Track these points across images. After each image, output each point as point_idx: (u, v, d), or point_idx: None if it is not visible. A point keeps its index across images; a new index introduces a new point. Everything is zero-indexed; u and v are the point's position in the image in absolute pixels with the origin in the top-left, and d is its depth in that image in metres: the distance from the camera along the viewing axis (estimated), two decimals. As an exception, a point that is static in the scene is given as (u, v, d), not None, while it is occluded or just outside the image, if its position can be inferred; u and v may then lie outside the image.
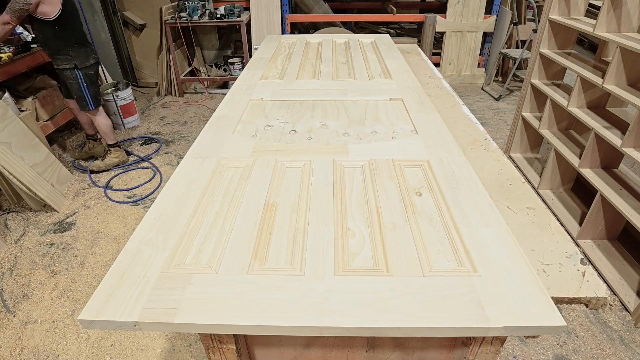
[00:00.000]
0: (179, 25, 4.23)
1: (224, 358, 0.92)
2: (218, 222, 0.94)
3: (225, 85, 4.85)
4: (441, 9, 4.56)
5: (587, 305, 0.89)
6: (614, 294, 1.99)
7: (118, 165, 3.21)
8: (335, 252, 0.85)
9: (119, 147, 3.22)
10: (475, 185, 1.06)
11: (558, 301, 0.88)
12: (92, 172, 3.12)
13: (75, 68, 2.73)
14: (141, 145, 3.56)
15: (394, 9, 4.60)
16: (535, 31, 3.98)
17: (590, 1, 4.07)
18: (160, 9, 4.32)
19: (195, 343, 1.80)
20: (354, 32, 5.13)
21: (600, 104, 2.39)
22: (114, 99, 3.65)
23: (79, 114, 3.12)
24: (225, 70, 4.76)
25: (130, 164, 3.25)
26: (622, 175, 2.18)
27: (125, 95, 3.73)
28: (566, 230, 2.36)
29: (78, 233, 2.48)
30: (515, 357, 1.73)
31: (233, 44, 5.10)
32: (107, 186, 2.96)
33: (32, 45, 3.06)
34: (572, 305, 1.68)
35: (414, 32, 5.37)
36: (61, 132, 3.67)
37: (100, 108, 3.01)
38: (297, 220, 0.94)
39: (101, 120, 3.03)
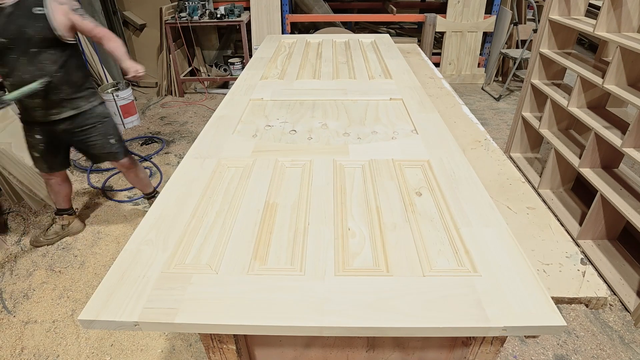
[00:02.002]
0: (179, 25, 4.23)
1: (224, 358, 0.92)
2: (218, 222, 0.94)
3: (225, 85, 4.85)
4: (441, 9, 4.56)
5: (587, 305, 0.89)
6: (614, 294, 1.98)
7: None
8: (336, 252, 0.85)
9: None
10: (475, 185, 1.06)
11: (558, 301, 0.88)
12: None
13: (102, 102, 2.09)
14: (141, 145, 3.56)
15: (394, 9, 4.60)
16: (535, 31, 3.98)
17: (591, 1, 4.07)
18: (161, 9, 4.32)
19: (196, 343, 1.80)
20: (354, 32, 5.13)
21: (600, 104, 2.39)
22: (114, 99, 3.65)
23: (67, 184, 2.30)
24: (225, 70, 4.76)
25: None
26: (622, 175, 2.18)
27: (126, 95, 3.73)
28: (566, 230, 2.36)
29: (78, 233, 2.48)
30: (515, 357, 1.73)
31: (233, 44, 5.10)
32: (108, 186, 2.96)
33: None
34: (572, 305, 1.68)
35: (414, 32, 5.37)
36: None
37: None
38: (297, 220, 0.95)
39: (142, 171, 2.34)
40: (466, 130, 1.55)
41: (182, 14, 4.26)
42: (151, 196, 2.49)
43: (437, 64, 4.65)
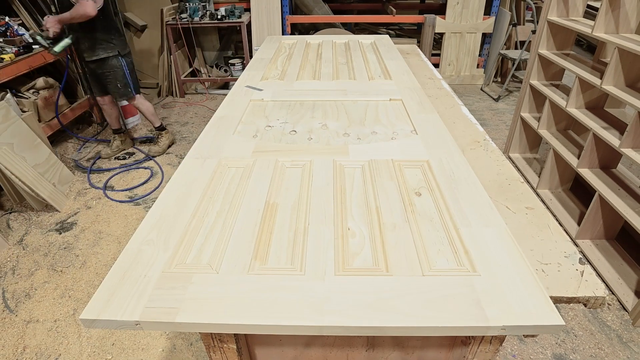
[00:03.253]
0: (179, 26, 4.24)
1: (224, 357, 0.93)
2: (219, 222, 0.95)
3: (226, 86, 4.86)
4: (440, 10, 4.57)
5: (585, 305, 0.90)
6: (612, 293, 1.99)
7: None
8: (336, 252, 0.85)
9: (166, 128, 3.44)
10: (474, 186, 1.06)
11: (557, 300, 0.88)
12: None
13: (118, 55, 2.85)
14: (141, 143, 3.57)
15: (394, 10, 4.61)
16: (534, 32, 3.98)
17: (589, 2, 4.08)
18: (161, 10, 4.33)
19: (196, 342, 1.81)
20: (353, 33, 5.13)
21: (598, 104, 2.39)
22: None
23: (112, 108, 3.22)
24: (225, 71, 4.77)
25: (132, 165, 3.26)
26: (620, 176, 2.19)
27: (126, 95, 3.73)
28: (565, 230, 2.37)
29: (80, 233, 2.49)
30: (514, 356, 1.74)
31: (234, 44, 5.11)
32: (109, 186, 2.97)
33: (34, 47, 3.07)
34: (571, 304, 1.69)
35: (413, 33, 5.38)
36: (63, 133, 3.68)
37: (141, 94, 3.20)
38: (297, 220, 0.95)
39: (145, 105, 3.19)
40: (465, 131, 1.56)
41: (183, 15, 4.27)
42: (161, 129, 3.36)
43: (436, 65, 4.66)
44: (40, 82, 3.21)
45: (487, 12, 4.51)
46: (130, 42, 4.64)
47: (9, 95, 2.82)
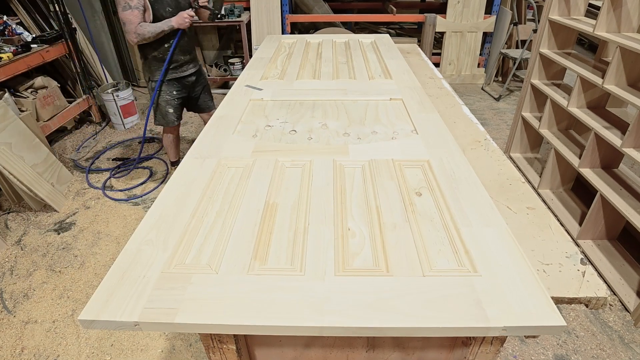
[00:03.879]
0: (179, 25, 4.23)
1: (224, 358, 0.92)
2: (218, 222, 0.95)
3: (225, 85, 4.85)
4: (441, 9, 4.56)
5: (587, 305, 0.89)
6: (614, 293, 1.99)
7: None
8: (336, 252, 0.85)
9: None
10: (475, 185, 1.06)
11: (558, 301, 0.88)
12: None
13: None
14: (139, 143, 3.56)
15: (394, 9, 4.60)
16: (535, 31, 3.98)
17: (590, 1, 4.07)
18: (161, 9, 4.31)
19: (196, 343, 1.80)
20: (354, 32, 5.13)
21: (600, 104, 2.39)
22: (114, 99, 3.65)
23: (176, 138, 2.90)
24: (225, 70, 4.76)
25: (131, 165, 3.25)
26: (622, 175, 2.18)
27: (126, 95, 3.73)
28: (566, 230, 2.36)
29: (78, 233, 2.48)
30: (515, 356, 1.73)
31: (233, 44, 5.10)
32: (108, 186, 2.96)
33: (32, 45, 3.06)
34: (572, 305, 1.68)
35: (414, 32, 5.37)
36: (61, 132, 3.67)
37: None
38: (297, 220, 0.95)
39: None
40: (466, 130, 1.55)
41: (182, 14, 4.26)
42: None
43: (437, 64, 4.65)
44: (38, 81, 3.21)
45: (488, 11, 4.50)
46: (129, 42, 4.63)
47: (7, 94, 2.81)
